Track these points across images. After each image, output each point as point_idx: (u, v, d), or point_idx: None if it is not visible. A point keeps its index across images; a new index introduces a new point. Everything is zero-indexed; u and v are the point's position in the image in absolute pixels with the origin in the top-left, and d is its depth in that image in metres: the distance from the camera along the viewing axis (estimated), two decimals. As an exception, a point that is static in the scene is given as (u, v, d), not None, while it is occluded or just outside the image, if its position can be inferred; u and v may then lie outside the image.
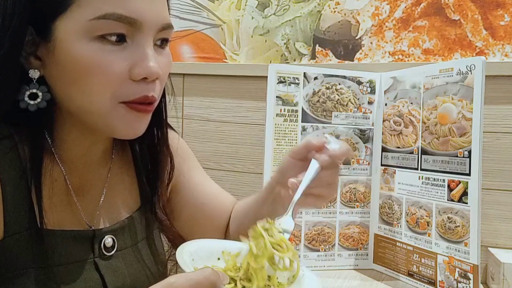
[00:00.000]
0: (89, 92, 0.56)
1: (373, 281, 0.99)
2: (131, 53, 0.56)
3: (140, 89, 0.57)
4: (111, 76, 0.55)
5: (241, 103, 1.30)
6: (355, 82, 1.06)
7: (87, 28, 0.54)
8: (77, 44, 0.54)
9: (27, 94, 0.57)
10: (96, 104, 0.57)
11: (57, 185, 0.63)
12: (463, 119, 0.87)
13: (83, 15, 0.54)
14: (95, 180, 0.69)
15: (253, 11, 1.33)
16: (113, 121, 0.58)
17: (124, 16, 0.54)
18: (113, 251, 0.66)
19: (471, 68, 0.86)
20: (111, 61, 0.55)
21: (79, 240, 0.63)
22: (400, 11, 1.19)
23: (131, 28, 0.56)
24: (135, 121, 0.59)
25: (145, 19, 0.56)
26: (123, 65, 0.56)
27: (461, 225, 0.86)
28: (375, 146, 1.07)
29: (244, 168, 1.29)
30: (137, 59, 0.56)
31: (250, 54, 1.33)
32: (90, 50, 0.54)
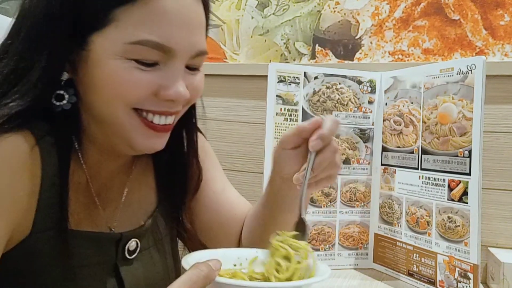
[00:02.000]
0: (109, 102, 0.57)
1: (373, 280, 0.99)
2: (161, 76, 0.57)
3: (163, 106, 0.59)
4: (137, 92, 0.56)
5: (241, 102, 1.30)
6: (356, 81, 1.06)
7: (122, 49, 0.55)
8: (110, 61, 0.55)
9: (54, 94, 0.59)
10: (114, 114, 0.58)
11: (80, 187, 0.64)
12: (464, 118, 0.87)
13: (119, 37, 0.55)
14: (116, 184, 0.69)
15: (253, 11, 1.33)
16: (133, 135, 0.59)
17: (160, 45, 0.55)
18: (134, 254, 0.67)
19: (472, 67, 0.86)
20: (140, 82, 0.56)
21: (104, 243, 0.63)
22: (400, 11, 1.19)
23: (166, 55, 0.57)
24: (157, 139, 0.61)
25: (180, 47, 0.57)
26: (151, 86, 0.57)
27: (461, 224, 0.87)
28: (375, 145, 1.07)
29: (244, 167, 1.29)
30: (166, 82, 0.57)
31: (250, 54, 1.33)
32: (122, 69, 0.55)
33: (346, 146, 1.06)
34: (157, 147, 0.62)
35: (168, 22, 0.56)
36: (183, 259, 0.54)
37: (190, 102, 0.64)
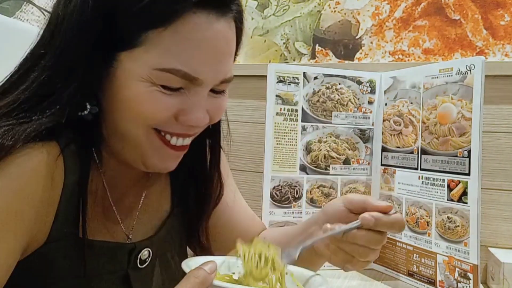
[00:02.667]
0: (131, 122, 0.57)
1: (373, 281, 0.99)
2: (183, 100, 0.57)
3: (183, 130, 0.59)
4: (157, 115, 0.56)
5: (241, 102, 1.30)
6: (355, 82, 1.06)
7: (149, 74, 0.54)
8: (136, 83, 0.55)
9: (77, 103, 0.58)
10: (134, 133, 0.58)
11: (98, 196, 0.63)
12: (463, 119, 0.87)
13: (148, 62, 0.54)
14: (133, 194, 0.69)
15: (253, 11, 1.33)
16: (149, 153, 0.59)
17: (188, 75, 0.55)
18: (146, 263, 0.66)
19: (471, 68, 0.86)
20: (163, 105, 0.56)
21: (117, 252, 0.63)
22: (400, 11, 1.19)
23: (191, 83, 0.56)
24: (171, 160, 0.61)
25: (207, 77, 0.57)
26: (172, 110, 0.57)
27: (461, 225, 0.86)
28: (375, 146, 1.07)
29: (244, 166, 1.29)
30: (187, 106, 0.57)
31: (250, 54, 1.33)
32: (147, 92, 0.55)
33: (346, 146, 1.06)
34: (170, 168, 0.62)
35: (198, 52, 0.55)
36: (183, 263, 0.54)
37: (210, 123, 0.63)
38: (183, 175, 0.74)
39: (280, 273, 0.55)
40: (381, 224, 0.60)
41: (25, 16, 1.59)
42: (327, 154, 1.05)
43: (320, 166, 1.05)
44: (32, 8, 1.59)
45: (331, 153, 1.05)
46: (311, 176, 1.04)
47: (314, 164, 1.04)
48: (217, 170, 0.74)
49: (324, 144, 1.05)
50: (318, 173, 1.05)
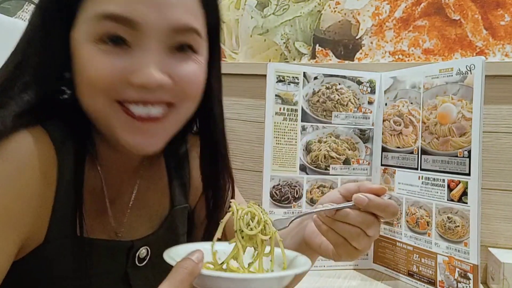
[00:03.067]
0: (87, 94, 0.55)
1: (373, 281, 0.99)
2: (132, 57, 0.53)
3: (140, 94, 0.54)
4: (108, 77, 0.53)
5: (240, 101, 1.30)
6: (355, 82, 1.06)
7: (88, 31, 0.53)
8: (80, 47, 0.54)
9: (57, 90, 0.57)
10: (94, 107, 0.55)
11: (94, 193, 0.62)
12: (463, 119, 0.87)
13: (85, 18, 0.53)
14: (127, 189, 0.67)
15: (253, 10, 1.33)
16: (115, 126, 0.55)
17: (122, 17, 0.52)
18: (144, 262, 0.66)
19: (471, 68, 0.86)
20: (108, 62, 0.53)
21: (116, 251, 0.62)
22: (400, 11, 1.19)
23: (133, 32, 0.53)
24: (141, 136, 0.56)
25: (147, 21, 0.52)
26: (121, 68, 0.53)
27: (461, 225, 0.86)
28: (375, 146, 1.07)
29: (243, 165, 1.29)
30: (137, 64, 0.53)
31: (249, 53, 1.33)
32: (89, 52, 0.53)
33: (346, 146, 1.06)
34: (145, 145, 0.56)
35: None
36: (165, 253, 0.52)
37: (186, 95, 0.57)
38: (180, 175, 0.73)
39: (269, 238, 0.55)
40: (374, 205, 0.59)
41: (26, 16, 1.59)
42: (327, 154, 1.05)
43: (320, 166, 1.05)
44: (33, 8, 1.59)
45: (331, 153, 1.05)
46: (311, 176, 1.04)
47: (314, 164, 1.04)
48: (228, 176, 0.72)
49: (324, 144, 1.05)
50: (318, 173, 1.05)
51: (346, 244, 0.61)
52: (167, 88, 0.55)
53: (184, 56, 0.57)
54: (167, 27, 0.54)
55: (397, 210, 0.61)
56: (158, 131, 0.57)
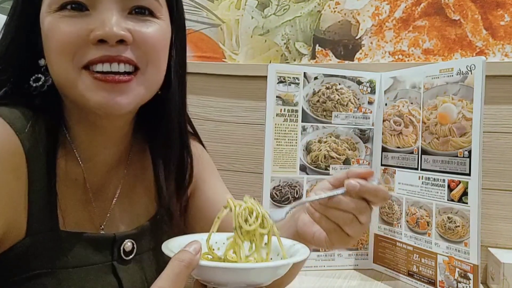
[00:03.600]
0: (55, 63, 0.57)
1: (373, 281, 0.99)
2: (91, 20, 0.55)
3: (100, 50, 0.55)
4: (68, 39, 0.55)
5: (240, 103, 1.29)
6: (355, 82, 1.06)
7: (49, 3, 0.56)
8: (44, 20, 0.57)
9: (33, 78, 0.60)
10: (62, 75, 0.57)
11: (77, 184, 0.63)
12: (463, 119, 0.87)
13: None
14: (112, 182, 0.68)
15: (253, 10, 1.33)
16: (83, 90, 0.56)
17: None
18: (131, 255, 0.66)
19: (471, 68, 0.86)
20: (69, 28, 0.55)
21: (99, 244, 0.62)
22: (400, 11, 1.19)
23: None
24: (106, 92, 0.56)
25: None
26: (81, 29, 0.55)
27: (461, 225, 0.86)
28: (375, 146, 1.07)
29: (243, 167, 1.29)
30: (97, 23, 0.55)
31: (250, 54, 1.33)
32: (51, 21, 0.56)
33: (346, 146, 1.06)
34: (112, 103, 0.57)
35: None
36: (163, 245, 0.53)
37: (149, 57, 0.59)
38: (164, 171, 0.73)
39: (268, 231, 0.56)
40: (365, 190, 0.60)
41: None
42: (327, 154, 1.05)
43: (320, 166, 1.05)
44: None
45: (331, 153, 1.05)
46: (311, 176, 1.04)
47: (314, 164, 1.04)
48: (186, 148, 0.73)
49: (324, 144, 1.05)
50: (318, 173, 1.05)
51: (339, 231, 0.62)
52: (128, 43, 0.56)
53: (143, 19, 0.59)
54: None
55: (387, 195, 0.63)
56: (125, 90, 0.57)
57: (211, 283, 0.51)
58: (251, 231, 0.55)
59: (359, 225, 0.62)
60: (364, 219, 0.62)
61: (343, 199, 0.61)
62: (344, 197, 0.61)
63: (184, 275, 0.46)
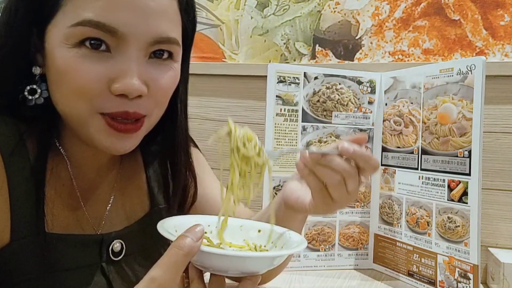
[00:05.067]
0: (70, 99, 0.55)
1: (373, 281, 0.99)
2: (113, 65, 0.53)
3: (120, 103, 0.54)
4: (89, 84, 0.53)
5: (240, 102, 1.30)
6: (355, 82, 1.06)
7: (66, 34, 0.53)
8: (59, 49, 0.54)
9: (28, 88, 0.58)
10: (75, 111, 0.55)
11: (65, 189, 0.62)
12: (463, 119, 0.87)
13: (65, 22, 0.53)
14: (103, 185, 0.68)
15: (252, 11, 1.33)
16: (93, 132, 0.56)
17: (102, 24, 0.52)
18: (121, 256, 0.66)
19: (471, 68, 0.86)
20: (89, 69, 0.53)
21: (87, 245, 0.62)
22: (400, 11, 1.19)
23: (114, 38, 0.53)
24: (116, 139, 0.56)
25: (128, 30, 0.53)
26: (102, 75, 0.53)
27: (461, 225, 0.86)
28: (375, 146, 1.07)
29: (243, 168, 1.29)
30: (118, 72, 0.53)
31: (249, 54, 1.33)
32: (68, 57, 0.53)
33: (346, 146, 1.06)
34: (121, 151, 0.58)
35: (114, 2, 0.52)
36: (159, 224, 0.52)
37: (157, 104, 0.59)
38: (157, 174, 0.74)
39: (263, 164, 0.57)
40: (358, 154, 0.62)
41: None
42: (327, 154, 1.05)
43: (320, 166, 1.05)
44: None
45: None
46: (311, 176, 1.04)
47: (314, 164, 1.04)
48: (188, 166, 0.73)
49: (324, 144, 1.05)
50: (318, 173, 1.04)
51: (324, 192, 0.63)
52: (143, 96, 0.56)
53: (162, 64, 0.58)
54: (149, 37, 0.55)
55: (378, 165, 0.64)
56: (132, 136, 0.58)
57: (209, 268, 0.50)
58: (249, 157, 0.55)
59: (345, 191, 0.63)
60: (351, 186, 0.62)
61: (336, 158, 0.62)
62: (337, 157, 0.62)
63: (182, 264, 0.45)
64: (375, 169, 0.64)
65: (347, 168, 0.62)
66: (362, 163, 0.62)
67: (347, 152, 0.62)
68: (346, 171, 0.62)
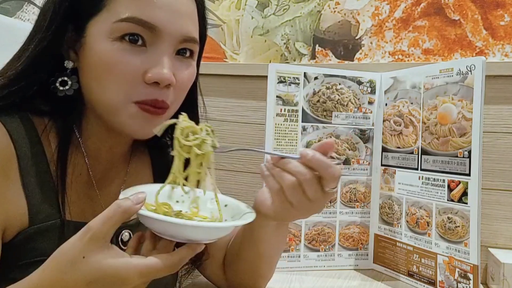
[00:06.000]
0: (106, 88, 0.61)
1: (373, 281, 0.99)
2: (148, 57, 0.61)
3: (151, 92, 0.61)
4: (126, 75, 0.60)
5: (241, 103, 1.30)
6: (356, 82, 1.06)
7: (111, 29, 0.60)
8: (101, 43, 0.60)
9: (59, 80, 0.63)
10: (111, 100, 0.61)
11: (81, 178, 0.67)
12: (463, 119, 0.87)
13: (110, 18, 0.60)
14: (115, 176, 0.72)
15: (253, 11, 1.33)
16: (125, 119, 0.62)
17: (143, 21, 0.60)
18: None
19: (471, 68, 0.86)
20: (127, 61, 0.60)
21: None
22: (400, 11, 1.19)
23: (151, 34, 0.60)
24: (144, 122, 0.62)
25: (164, 27, 0.61)
26: (138, 67, 0.60)
27: (461, 225, 0.86)
28: (375, 146, 1.07)
29: (243, 168, 1.29)
30: (152, 63, 0.61)
31: (250, 54, 1.33)
32: (110, 49, 0.60)
33: (346, 146, 1.06)
34: (147, 133, 0.64)
35: (154, 4, 0.60)
36: (121, 193, 0.56)
37: (179, 97, 0.66)
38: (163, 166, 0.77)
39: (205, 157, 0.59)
40: (316, 160, 0.61)
41: (26, 16, 1.59)
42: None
43: (320, 166, 1.05)
44: (33, 8, 1.59)
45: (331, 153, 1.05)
46: (311, 176, 1.04)
47: (314, 164, 1.04)
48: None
49: (324, 144, 1.05)
50: (318, 173, 1.05)
51: (281, 195, 0.63)
52: (171, 87, 0.63)
53: (185, 61, 0.66)
54: (180, 35, 0.63)
55: (339, 175, 0.62)
56: (157, 122, 0.63)
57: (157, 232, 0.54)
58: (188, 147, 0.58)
59: (303, 197, 0.62)
60: (310, 192, 0.61)
61: (292, 161, 0.62)
62: (293, 160, 0.62)
63: (118, 219, 0.50)
64: (334, 178, 0.62)
65: (302, 171, 0.61)
66: (321, 170, 0.61)
67: (305, 157, 0.61)
68: (301, 175, 0.61)
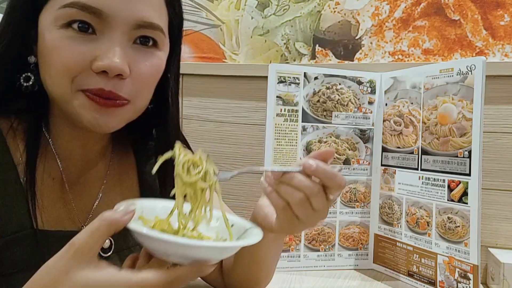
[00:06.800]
0: (54, 77, 0.57)
1: (373, 281, 0.99)
2: (98, 46, 0.56)
3: (98, 81, 0.56)
4: (71, 62, 0.56)
5: (241, 103, 1.30)
6: (356, 82, 1.06)
7: (56, 17, 0.56)
8: (50, 32, 0.56)
9: (23, 76, 0.61)
10: (59, 89, 0.58)
11: (54, 182, 0.64)
12: (463, 119, 0.87)
13: (55, 6, 0.56)
14: (91, 180, 0.69)
15: (253, 11, 1.33)
16: (76, 108, 0.58)
17: (87, 6, 0.55)
18: (109, 252, 0.66)
19: (471, 68, 0.86)
20: (73, 48, 0.55)
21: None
22: (400, 11, 1.19)
23: (99, 21, 0.56)
24: (97, 113, 0.58)
25: (112, 12, 0.56)
26: (85, 54, 0.56)
27: (461, 225, 0.86)
28: (375, 146, 1.07)
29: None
30: (102, 52, 0.56)
31: (250, 54, 1.33)
32: (56, 37, 0.56)
33: (346, 146, 1.06)
34: (104, 126, 0.59)
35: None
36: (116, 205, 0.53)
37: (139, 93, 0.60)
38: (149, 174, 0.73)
39: (209, 186, 0.55)
40: (321, 171, 0.58)
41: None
42: (327, 154, 1.05)
43: (320, 167, 1.05)
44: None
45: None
46: (311, 176, 1.04)
47: (314, 164, 1.04)
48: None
49: (324, 144, 1.05)
50: (318, 173, 1.04)
51: (288, 210, 0.60)
52: (125, 77, 0.57)
53: (146, 51, 0.60)
54: (132, 21, 0.57)
55: (344, 183, 0.59)
56: (114, 113, 0.59)
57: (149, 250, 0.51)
58: (192, 183, 0.54)
59: (310, 209, 0.59)
60: (317, 204, 0.58)
61: (297, 175, 0.58)
62: (298, 174, 0.58)
63: (103, 233, 0.47)
64: (340, 187, 0.59)
65: (310, 186, 0.58)
66: (326, 181, 0.58)
67: (310, 169, 0.58)
68: (309, 189, 0.58)
